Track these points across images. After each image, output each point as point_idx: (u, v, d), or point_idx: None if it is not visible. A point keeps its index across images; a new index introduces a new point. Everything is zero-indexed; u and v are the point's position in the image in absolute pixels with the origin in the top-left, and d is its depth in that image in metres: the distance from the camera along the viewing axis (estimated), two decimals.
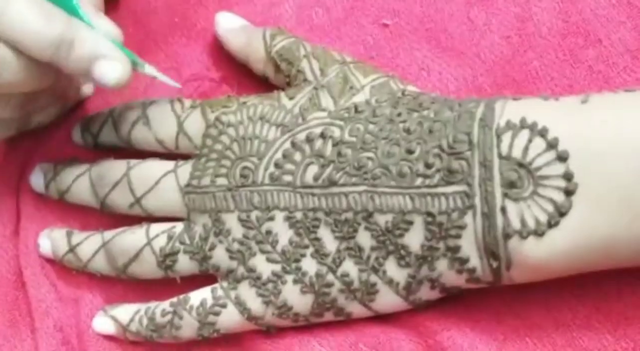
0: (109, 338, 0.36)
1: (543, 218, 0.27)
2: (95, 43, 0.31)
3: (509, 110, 0.28)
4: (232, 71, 0.37)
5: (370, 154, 0.30)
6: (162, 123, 0.35)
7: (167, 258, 0.33)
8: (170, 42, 0.38)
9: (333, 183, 0.30)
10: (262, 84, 0.36)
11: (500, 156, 0.27)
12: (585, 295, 0.30)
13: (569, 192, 0.26)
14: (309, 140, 0.31)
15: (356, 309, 0.32)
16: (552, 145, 0.27)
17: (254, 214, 0.32)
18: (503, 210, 0.27)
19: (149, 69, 0.34)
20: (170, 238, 0.34)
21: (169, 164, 0.34)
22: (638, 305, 0.29)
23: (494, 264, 0.28)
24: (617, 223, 0.26)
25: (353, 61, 0.34)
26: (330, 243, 0.31)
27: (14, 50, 0.30)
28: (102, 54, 0.31)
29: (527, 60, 0.33)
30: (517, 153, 0.27)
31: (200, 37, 0.38)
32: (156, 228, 0.34)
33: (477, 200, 0.28)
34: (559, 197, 0.26)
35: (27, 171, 0.38)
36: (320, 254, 0.31)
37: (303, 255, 0.31)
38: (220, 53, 0.37)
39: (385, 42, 0.35)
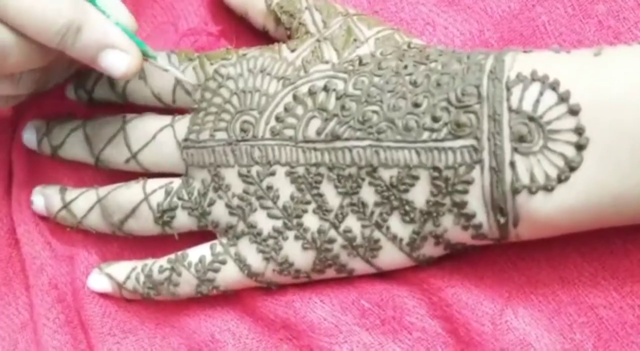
0: (105, 295, 0.35)
1: (553, 173, 0.26)
2: (104, 31, 0.30)
3: (519, 63, 0.27)
4: (230, 25, 0.36)
5: (375, 108, 0.29)
6: (159, 77, 0.34)
7: (164, 214, 0.33)
8: None
9: (336, 137, 0.30)
10: (261, 38, 0.35)
11: (510, 109, 0.27)
12: (591, 253, 0.30)
13: (580, 147, 0.26)
14: (312, 93, 0.31)
15: (358, 266, 0.31)
16: (563, 98, 0.26)
17: (255, 169, 0.31)
18: (512, 164, 0.27)
19: (162, 62, 0.32)
20: (167, 193, 0.33)
21: (166, 118, 0.34)
22: None
23: (501, 220, 0.27)
24: (628, 178, 0.25)
25: (356, 13, 0.33)
26: (332, 198, 0.30)
27: (19, 34, 0.29)
28: (110, 44, 0.30)
29: (535, 15, 0.32)
30: (527, 106, 0.26)
31: None
32: (153, 183, 0.33)
33: (486, 155, 0.27)
34: (570, 152, 0.26)
35: (19, 128, 0.38)
36: (322, 210, 0.30)
37: (305, 211, 0.31)
38: (219, 6, 0.36)
39: None
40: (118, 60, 0.30)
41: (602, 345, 0.29)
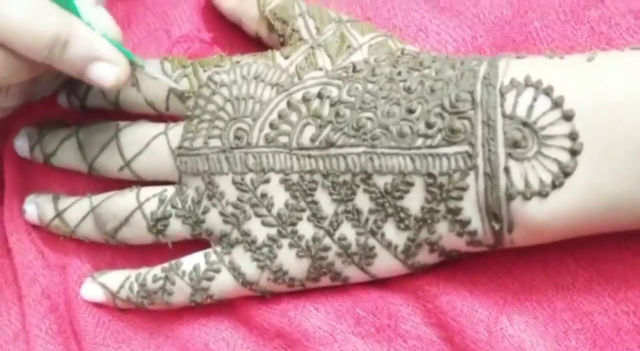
0: (98, 305, 0.35)
1: (547, 178, 0.26)
2: (91, 44, 0.30)
3: (513, 69, 0.27)
4: (223, 32, 0.36)
5: (370, 114, 0.29)
6: (152, 84, 0.34)
7: (158, 223, 0.33)
8: (159, 2, 0.37)
9: (331, 144, 0.30)
10: (254, 45, 0.35)
11: (504, 115, 0.27)
12: (586, 258, 0.30)
13: (574, 152, 0.26)
14: (306, 100, 0.31)
15: (353, 273, 0.31)
16: (557, 103, 0.26)
17: (249, 177, 0.31)
18: (506, 170, 0.26)
19: (150, 70, 0.32)
20: (161, 201, 0.33)
21: (160, 126, 0.33)
22: (639, 267, 0.29)
23: (496, 226, 0.27)
24: (623, 183, 0.25)
25: (350, 20, 0.33)
26: (327, 206, 0.30)
27: (6, 49, 0.29)
28: (97, 56, 0.30)
29: (527, 21, 0.32)
30: (521, 112, 0.26)
31: None
32: (147, 191, 0.33)
33: (480, 161, 0.27)
34: (564, 157, 0.26)
35: (10, 135, 0.37)
36: (317, 217, 0.30)
37: (299, 219, 0.31)
38: (211, 13, 0.36)
39: (382, 2, 0.34)
40: (106, 72, 0.30)
41: None
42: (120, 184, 0.34)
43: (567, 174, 0.26)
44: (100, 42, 0.30)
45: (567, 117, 0.26)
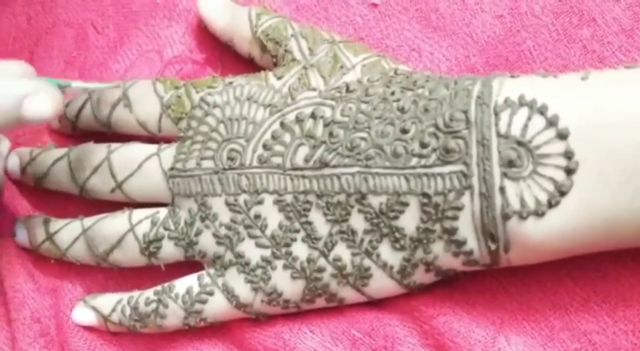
0: (90, 329, 0.35)
1: (543, 198, 0.26)
2: (14, 84, 0.29)
3: (507, 88, 0.27)
4: (215, 53, 0.36)
5: (363, 134, 0.29)
6: (144, 105, 0.33)
7: (151, 245, 0.32)
8: (152, 24, 0.37)
9: (325, 164, 0.29)
10: (247, 66, 0.35)
11: (498, 134, 0.27)
12: (583, 278, 0.30)
13: (569, 171, 0.26)
14: (299, 120, 0.30)
15: (349, 294, 0.31)
16: (552, 122, 0.26)
17: (242, 198, 0.31)
18: (502, 190, 0.26)
19: (77, 84, 0.33)
20: (154, 223, 0.32)
21: (152, 147, 0.33)
22: (637, 286, 0.29)
23: (492, 246, 0.27)
24: (619, 201, 0.25)
25: (342, 40, 0.33)
26: (321, 226, 0.30)
27: None
28: (25, 93, 0.29)
29: (520, 40, 0.32)
30: (516, 131, 0.26)
31: (183, 18, 0.37)
32: (139, 213, 0.33)
33: (475, 180, 0.27)
34: (560, 176, 0.26)
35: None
36: (311, 238, 0.30)
37: (293, 240, 0.30)
38: (204, 34, 0.36)
39: (374, 22, 0.34)
40: (40, 104, 0.29)
41: None
42: (112, 206, 0.34)
43: (563, 193, 0.26)
44: (17, 82, 0.29)
45: (562, 135, 0.26)
